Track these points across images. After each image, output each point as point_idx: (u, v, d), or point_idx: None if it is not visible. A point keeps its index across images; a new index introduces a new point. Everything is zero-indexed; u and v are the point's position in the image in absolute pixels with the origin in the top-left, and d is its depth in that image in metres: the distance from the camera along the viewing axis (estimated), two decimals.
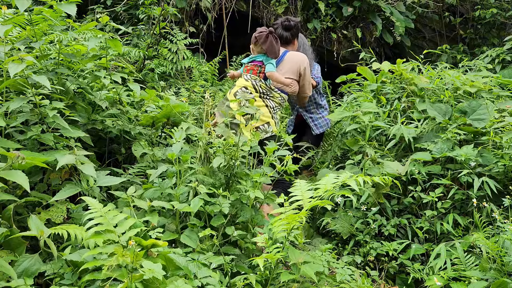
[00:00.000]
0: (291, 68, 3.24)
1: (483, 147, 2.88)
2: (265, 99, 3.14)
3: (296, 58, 3.30)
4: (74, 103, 2.52)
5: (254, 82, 3.16)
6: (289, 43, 3.46)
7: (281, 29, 3.41)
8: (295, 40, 3.50)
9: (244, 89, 3.15)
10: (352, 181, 1.79)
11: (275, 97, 3.18)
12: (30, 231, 1.75)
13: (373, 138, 3.33)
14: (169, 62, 5.80)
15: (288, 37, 3.42)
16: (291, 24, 3.41)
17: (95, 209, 1.74)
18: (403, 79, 3.64)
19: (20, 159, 1.68)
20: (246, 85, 3.16)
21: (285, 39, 3.41)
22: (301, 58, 3.31)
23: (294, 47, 3.51)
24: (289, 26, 3.40)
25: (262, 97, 3.13)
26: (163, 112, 2.94)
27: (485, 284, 2.15)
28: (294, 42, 3.50)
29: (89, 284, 1.65)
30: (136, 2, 6.11)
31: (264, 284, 1.99)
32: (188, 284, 1.62)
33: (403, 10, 7.24)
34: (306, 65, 3.30)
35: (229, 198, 2.20)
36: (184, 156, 2.17)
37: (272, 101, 3.17)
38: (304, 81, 3.33)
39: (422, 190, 2.86)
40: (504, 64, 5.75)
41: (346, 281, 2.21)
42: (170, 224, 2.16)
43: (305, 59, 3.33)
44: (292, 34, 3.43)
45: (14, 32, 2.49)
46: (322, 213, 3.11)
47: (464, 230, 2.70)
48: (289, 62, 3.26)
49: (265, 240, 1.96)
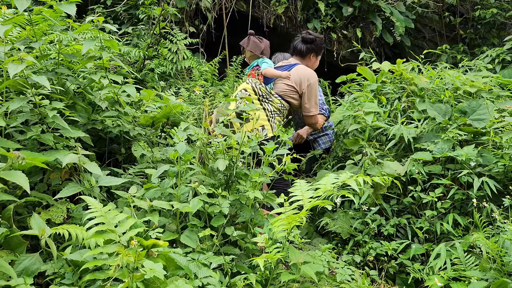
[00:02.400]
0: (295, 80, 3.19)
1: (483, 147, 2.89)
2: (263, 102, 3.13)
3: (302, 72, 3.22)
4: (74, 103, 2.52)
5: (254, 85, 3.17)
6: (304, 57, 3.37)
7: (300, 40, 3.37)
8: (311, 55, 3.38)
9: (243, 91, 3.17)
10: (352, 181, 1.79)
11: (275, 102, 3.15)
12: (31, 230, 1.75)
13: (374, 138, 3.33)
14: (169, 62, 5.80)
15: (302, 49, 3.34)
16: (309, 38, 3.33)
17: (95, 209, 1.74)
18: (403, 79, 3.64)
19: (20, 159, 1.68)
20: (246, 87, 3.18)
21: (298, 51, 3.36)
22: (308, 73, 3.21)
23: (309, 64, 3.39)
24: (307, 39, 3.34)
25: (261, 100, 3.13)
26: (163, 112, 2.94)
27: (485, 284, 2.15)
28: (310, 58, 3.38)
29: (89, 284, 1.65)
30: (136, 2, 6.11)
31: (264, 284, 1.99)
32: (188, 284, 1.62)
33: (403, 10, 7.25)
34: (312, 82, 3.19)
35: (229, 198, 2.20)
36: (186, 156, 2.17)
37: (270, 105, 3.14)
38: (307, 99, 3.20)
39: (422, 190, 2.86)
40: (504, 64, 5.76)
41: (346, 281, 2.21)
42: (170, 224, 2.16)
43: (313, 76, 3.22)
44: (308, 48, 3.34)
45: (14, 32, 2.48)
46: (321, 213, 3.11)
47: (464, 230, 2.71)
48: (297, 73, 3.21)
49: (265, 240, 1.96)
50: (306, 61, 3.39)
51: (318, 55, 3.45)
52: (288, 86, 3.20)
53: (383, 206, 2.90)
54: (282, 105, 3.19)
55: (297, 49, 3.37)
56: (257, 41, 3.34)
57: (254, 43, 3.31)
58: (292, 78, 3.20)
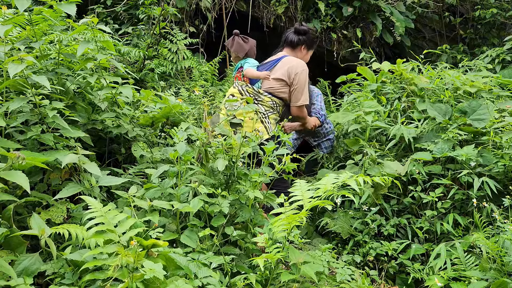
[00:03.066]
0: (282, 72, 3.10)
1: (483, 147, 2.89)
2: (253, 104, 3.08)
3: (290, 63, 3.13)
4: (74, 103, 2.52)
5: (240, 88, 3.12)
6: (294, 48, 3.29)
7: (292, 31, 3.33)
8: (302, 47, 3.30)
9: (230, 97, 3.11)
10: (352, 181, 1.79)
11: (265, 101, 3.09)
12: (30, 230, 1.75)
13: (374, 138, 3.33)
14: (169, 62, 5.80)
15: (293, 40, 3.27)
16: (302, 29, 3.29)
17: (95, 209, 1.74)
18: (403, 79, 3.64)
19: (21, 159, 1.68)
20: (233, 92, 3.13)
21: (290, 41, 3.29)
22: (296, 63, 3.12)
23: (299, 56, 3.30)
24: (299, 30, 3.29)
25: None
26: (163, 112, 2.93)
27: (485, 284, 2.15)
28: (301, 50, 3.30)
29: (89, 284, 1.65)
30: (136, 2, 6.11)
31: (264, 284, 1.99)
32: (188, 284, 1.62)
33: (403, 10, 7.25)
34: (300, 71, 3.08)
35: (228, 198, 2.20)
36: (186, 156, 2.17)
37: (262, 106, 3.08)
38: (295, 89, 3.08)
39: (422, 190, 2.86)
40: (504, 64, 5.75)
41: (346, 281, 2.21)
42: (170, 224, 2.16)
43: (301, 65, 3.13)
44: (300, 40, 3.27)
45: (14, 32, 2.48)
46: (321, 213, 3.11)
47: (464, 230, 2.71)
48: (284, 65, 3.13)
49: (265, 240, 1.96)
50: (296, 53, 3.30)
51: (310, 49, 3.36)
52: (277, 80, 3.09)
53: (383, 206, 2.90)
54: (274, 102, 3.10)
55: (289, 39, 3.30)
56: (242, 42, 3.23)
57: (238, 44, 3.21)
58: (280, 72, 3.10)
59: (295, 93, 3.10)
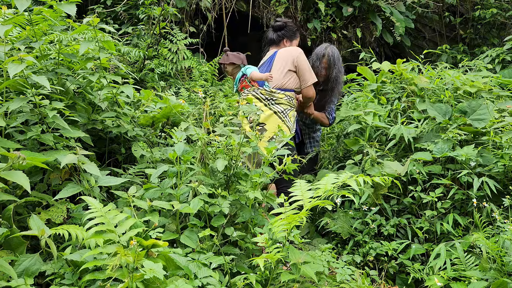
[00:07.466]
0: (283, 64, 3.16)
1: (483, 147, 2.89)
2: (270, 105, 3.08)
3: (285, 53, 3.21)
4: (74, 103, 2.52)
5: (253, 92, 3.14)
6: (278, 44, 3.37)
7: (271, 30, 3.40)
8: (285, 41, 3.36)
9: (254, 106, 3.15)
10: (352, 181, 1.79)
11: (280, 98, 3.11)
12: (31, 230, 1.75)
13: (374, 138, 3.33)
14: (169, 62, 5.80)
15: (273, 38, 3.36)
16: (277, 25, 3.35)
17: (95, 209, 1.74)
18: (403, 79, 3.64)
19: (21, 159, 1.68)
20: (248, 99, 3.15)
21: (271, 40, 3.37)
22: (290, 51, 3.21)
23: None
24: (275, 27, 3.36)
25: (267, 104, 3.09)
26: (163, 112, 2.93)
27: (485, 284, 2.15)
28: (284, 44, 3.36)
29: (89, 284, 1.65)
30: (136, 2, 6.11)
31: (264, 284, 1.99)
32: (188, 284, 1.62)
33: (403, 10, 7.25)
34: (297, 55, 3.15)
35: (228, 198, 2.20)
36: (186, 156, 2.16)
37: (279, 106, 3.10)
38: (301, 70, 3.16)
39: (422, 190, 2.86)
40: (504, 64, 5.76)
41: (346, 281, 2.21)
42: (170, 224, 2.16)
43: (295, 49, 3.21)
44: (279, 36, 3.34)
45: (14, 32, 2.48)
46: (321, 213, 3.11)
47: (464, 230, 2.71)
48: (280, 58, 3.20)
49: (265, 240, 1.96)
50: (281, 47, 3.36)
51: (293, 40, 3.40)
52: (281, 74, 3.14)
53: (383, 206, 2.90)
54: (288, 96, 3.14)
55: (268, 39, 3.38)
56: (236, 53, 3.42)
57: (233, 56, 3.38)
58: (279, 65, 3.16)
59: (302, 76, 3.18)
